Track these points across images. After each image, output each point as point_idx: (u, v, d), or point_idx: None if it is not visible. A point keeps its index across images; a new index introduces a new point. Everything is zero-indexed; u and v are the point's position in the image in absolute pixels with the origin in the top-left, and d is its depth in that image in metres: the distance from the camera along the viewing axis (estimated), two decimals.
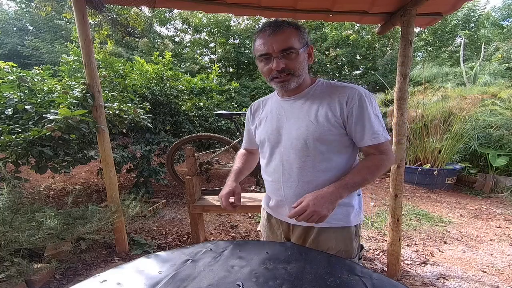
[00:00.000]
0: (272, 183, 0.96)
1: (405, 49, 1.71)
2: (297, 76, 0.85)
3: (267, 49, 0.82)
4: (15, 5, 11.72)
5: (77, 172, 4.80)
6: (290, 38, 0.81)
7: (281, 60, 0.81)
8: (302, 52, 0.83)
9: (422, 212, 3.23)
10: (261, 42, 0.83)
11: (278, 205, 0.97)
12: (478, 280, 1.92)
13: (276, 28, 0.81)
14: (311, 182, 0.87)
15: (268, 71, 0.85)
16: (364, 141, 0.85)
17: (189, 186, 2.16)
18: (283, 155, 0.91)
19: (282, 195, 0.93)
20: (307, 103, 0.89)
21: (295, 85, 0.86)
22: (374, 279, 0.61)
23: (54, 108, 2.19)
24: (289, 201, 0.90)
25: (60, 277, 1.84)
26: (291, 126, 0.89)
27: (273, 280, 0.61)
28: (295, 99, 0.92)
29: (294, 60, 0.82)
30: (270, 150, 0.96)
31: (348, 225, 0.90)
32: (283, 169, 0.91)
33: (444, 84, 5.60)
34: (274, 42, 0.80)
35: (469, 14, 9.10)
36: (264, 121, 0.99)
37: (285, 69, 0.82)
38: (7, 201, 1.54)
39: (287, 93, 0.93)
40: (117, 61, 3.76)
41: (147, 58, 7.23)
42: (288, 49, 0.81)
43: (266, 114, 0.99)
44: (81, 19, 1.79)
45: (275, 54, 0.81)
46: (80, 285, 0.59)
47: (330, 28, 9.34)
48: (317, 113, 0.85)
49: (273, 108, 0.97)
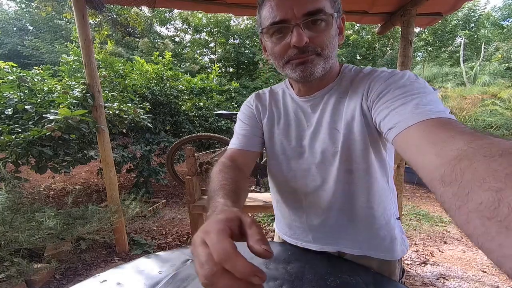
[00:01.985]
0: (290, 208, 0.73)
1: (405, 49, 1.71)
2: (326, 57, 0.55)
3: (284, 14, 0.51)
4: (15, 5, 11.73)
5: (77, 172, 4.80)
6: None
7: (304, 30, 0.51)
8: (335, 20, 0.54)
9: (422, 212, 3.23)
10: (272, 5, 0.53)
11: (298, 235, 0.74)
12: (478, 280, 1.92)
13: None
14: (346, 210, 0.66)
15: (284, 49, 0.55)
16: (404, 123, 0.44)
17: (189, 186, 2.16)
18: (306, 174, 0.67)
19: (305, 223, 0.71)
20: (330, 105, 0.62)
21: (321, 71, 0.55)
22: (374, 279, 0.61)
23: (54, 108, 2.19)
24: (315, 232, 0.70)
25: (60, 277, 1.84)
26: (314, 140, 0.65)
27: (273, 280, 0.61)
28: (315, 99, 0.64)
29: (324, 31, 0.53)
30: (287, 166, 0.70)
31: (392, 260, 0.68)
32: (307, 192, 0.68)
33: (444, 84, 5.60)
34: (296, 2, 0.51)
35: (469, 14, 9.11)
36: (276, 125, 0.71)
37: (309, 46, 0.52)
38: (7, 201, 1.54)
39: (304, 89, 0.65)
40: (117, 61, 3.77)
41: (147, 58, 7.23)
42: (317, 12, 0.51)
43: (278, 115, 0.71)
44: (81, 19, 1.79)
45: (296, 20, 0.51)
46: (80, 285, 0.59)
47: None
48: (347, 119, 0.59)
49: (287, 107, 0.69)
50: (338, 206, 0.66)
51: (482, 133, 0.32)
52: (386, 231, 0.66)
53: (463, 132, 0.34)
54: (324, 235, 0.70)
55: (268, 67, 8.26)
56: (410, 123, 0.42)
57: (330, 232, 0.69)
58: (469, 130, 0.34)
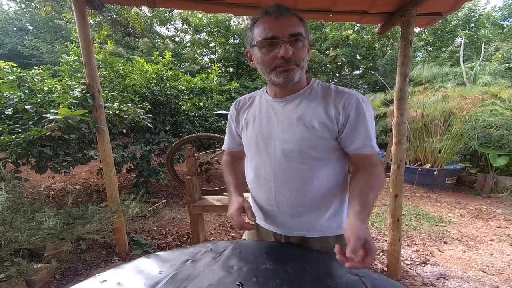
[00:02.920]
0: (262, 191, 0.88)
1: (405, 49, 1.71)
2: (302, 68, 0.76)
3: (275, 32, 0.71)
4: (15, 5, 11.72)
5: (77, 172, 4.80)
6: (298, 24, 0.73)
7: (289, 46, 0.71)
8: (307, 42, 0.76)
9: (422, 212, 3.23)
10: (265, 26, 0.73)
11: (268, 215, 0.89)
12: (478, 280, 1.92)
13: (285, 10, 0.73)
14: (307, 192, 0.81)
15: (272, 59, 0.73)
16: (356, 147, 0.78)
17: (189, 186, 2.16)
18: (275, 163, 0.82)
19: (273, 205, 0.85)
20: (301, 106, 0.79)
21: (298, 78, 0.76)
22: (374, 279, 0.61)
23: (54, 108, 2.19)
24: (282, 212, 0.85)
25: (60, 277, 1.84)
26: (283, 131, 0.80)
27: (273, 280, 0.61)
28: (288, 100, 0.82)
29: (301, 49, 0.74)
30: (259, 156, 0.86)
31: (340, 234, 0.85)
32: (275, 178, 0.82)
33: (444, 84, 5.60)
34: (283, 25, 0.71)
35: (469, 14, 9.10)
36: (251, 123, 0.88)
37: (292, 58, 0.72)
38: (7, 201, 1.54)
39: (280, 92, 0.83)
40: (117, 61, 3.76)
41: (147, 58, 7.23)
42: (298, 34, 0.72)
43: (253, 115, 0.88)
44: (81, 19, 1.79)
45: (283, 38, 0.71)
46: (80, 285, 0.59)
47: (330, 28, 9.34)
48: (313, 118, 0.77)
49: (262, 108, 0.87)
50: (300, 188, 0.81)
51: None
52: (337, 208, 0.86)
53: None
54: (291, 216, 0.85)
55: None
56: (358, 151, 0.79)
57: (296, 213, 0.84)
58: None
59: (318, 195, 0.82)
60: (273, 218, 0.88)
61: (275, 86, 0.81)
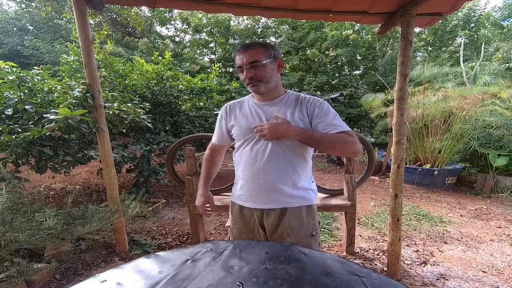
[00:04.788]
0: (252, 172, 1.09)
1: (405, 49, 1.71)
2: (265, 82, 1.07)
3: (240, 62, 1.07)
4: (15, 5, 11.71)
5: (77, 172, 4.80)
6: (257, 54, 1.04)
7: (250, 70, 1.04)
8: (267, 63, 1.05)
9: (422, 212, 3.23)
10: (236, 58, 1.09)
11: (254, 193, 1.11)
12: (478, 280, 1.92)
13: (247, 47, 1.07)
14: (286, 169, 1.08)
15: (244, 79, 1.08)
16: (327, 129, 1.06)
17: (189, 186, 2.16)
18: (264, 148, 1.08)
19: (262, 183, 1.08)
20: (283, 108, 1.11)
21: (264, 89, 1.08)
22: (374, 279, 0.61)
23: (54, 108, 2.19)
24: (269, 187, 1.08)
25: (60, 277, 1.84)
26: None
27: (273, 280, 0.61)
28: (271, 104, 1.13)
29: (261, 70, 1.05)
30: (251, 143, 1.11)
31: (312, 204, 1.14)
32: (265, 160, 1.07)
33: (444, 84, 5.59)
34: (244, 57, 1.05)
35: (469, 14, 9.09)
36: (244, 118, 1.14)
37: (254, 77, 1.05)
38: (7, 201, 1.54)
39: (263, 98, 1.14)
40: (117, 61, 3.77)
41: (147, 58, 7.23)
42: (254, 61, 1.04)
43: (245, 113, 1.16)
44: (81, 19, 1.79)
45: (244, 66, 1.05)
46: (80, 285, 0.59)
47: (330, 28, 9.32)
48: (292, 116, 1.08)
49: (251, 109, 1.16)
50: (280, 169, 1.08)
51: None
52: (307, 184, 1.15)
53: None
54: (274, 192, 1.09)
55: None
56: (331, 132, 1.06)
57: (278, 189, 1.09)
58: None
59: (296, 171, 1.09)
60: (260, 194, 1.10)
61: (259, 96, 1.15)
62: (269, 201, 1.09)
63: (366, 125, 8.42)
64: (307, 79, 8.44)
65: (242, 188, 1.14)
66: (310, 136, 1.03)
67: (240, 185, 1.15)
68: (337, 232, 2.69)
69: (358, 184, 2.35)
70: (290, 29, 9.84)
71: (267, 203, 1.10)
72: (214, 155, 1.31)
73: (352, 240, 2.22)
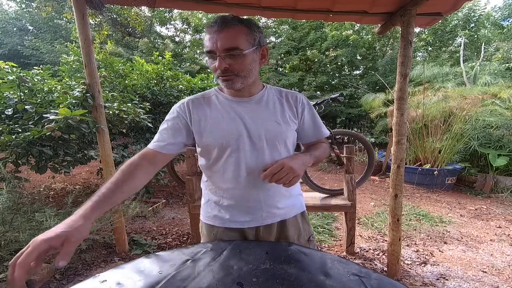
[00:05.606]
0: (245, 190, 0.87)
1: (405, 49, 1.71)
2: (243, 77, 0.80)
3: (211, 46, 0.76)
4: (15, 5, 11.71)
5: (77, 172, 4.80)
6: (237, 37, 0.76)
7: (225, 60, 0.76)
8: (249, 53, 0.78)
9: (422, 212, 3.23)
10: (207, 38, 0.77)
11: (249, 212, 0.89)
12: (478, 280, 1.92)
13: (223, 25, 0.75)
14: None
15: (214, 69, 0.80)
16: (317, 136, 0.98)
17: (189, 186, 2.16)
18: (255, 159, 0.85)
19: (260, 200, 0.88)
20: (269, 105, 0.89)
21: (240, 85, 0.82)
22: (374, 279, 0.61)
23: (54, 108, 2.19)
24: (269, 203, 0.89)
25: (60, 277, 1.84)
26: (258, 128, 0.85)
27: (273, 280, 0.61)
28: (251, 101, 0.88)
29: (239, 61, 0.77)
30: (234, 154, 0.85)
31: (304, 209, 1.01)
32: (250, 171, 0.85)
33: (444, 84, 5.59)
34: (219, 40, 0.75)
35: (469, 14, 9.09)
36: (222, 121, 0.85)
37: (229, 69, 0.77)
38: (7, 201, 1.54)
39: (239, 93, 0.88)
40: (117, 61, 3.77)
41: (147, 58, 7.23)
42: (232, 49, 0.75)
43: (217, 114, 0.86)
44: (81, 19, 1.79)
45: (218, 53, 0.76)
46: (80, 285, 0.59)
47: (330, 28, 9.33)
48: (281, 115, 0.89)
49: (224, 107, 0.87)
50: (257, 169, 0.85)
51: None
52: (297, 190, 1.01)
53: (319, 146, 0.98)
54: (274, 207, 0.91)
55: (268, 67, 8.25)
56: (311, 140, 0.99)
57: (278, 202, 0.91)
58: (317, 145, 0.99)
59: None
60: (257, 211, 0.89)
61: (234, 91, 0.87)
62: (268, 217, 0.90)
63: (366, 125, 8.43)
64: (307, 79, 8.44)
65: (228, 209, 0.90)
66: (316, 157, 0.91)
67: (227, 205, 0.90)
68: (337, 232, 2.69)
69: (358, 184, 2.35)
70: (290, 29, 9.84)
71: (266, 219, 0.90)
72: (144, 166, 0.81)
73: (352, 240, 2.22)
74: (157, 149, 0.85)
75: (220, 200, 0.91)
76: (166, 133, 0.86)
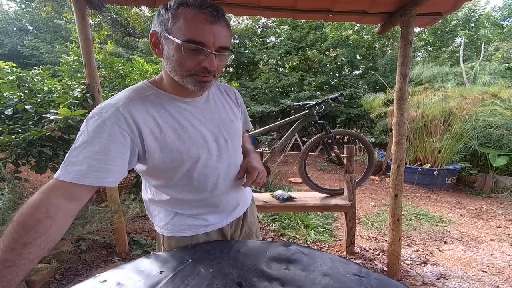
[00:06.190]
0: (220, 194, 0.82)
1: (405, 49, 1.71)
2: (216, 79, 0.72)
3: (206, 40, 0.61)
4: (15, 5, 11.72)
5: None
6: (228, 35, 0.66)
7: (215, 59, 0.64)
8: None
9: (422, 212, 3.23)
10: (197, 26, 0.60)
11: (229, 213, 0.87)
12: (478, 280, 1.92)
13: (218, 15, 0.62)
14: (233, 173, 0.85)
15: (193, 65, 0.64)
16: (246, 127, 1.01)
17: None
18: (223, 162, 0.80)
19: (236, 197, 0.88)
20: (217, 103, 0.82)
21: (211, 87, 0.74)
22: (374, 279, 0.61)
23: (54, 108, 2.19)
24: (243, 200, 0.93)
25: (60, 277, 1.84)
26: (220, 129, 0.79)
27: (273, 280, 0.61)
28: (200, 99, 0.78)
29: (223, 62, 0.69)
30: (208, 161, 0.76)
31: (251, 195, 1.04)
32: (233, 175, 0.83)
33: (444, 84, 5.60)
34: (216, 34, 0.62)
35: (469, 14, 9.10)
36: (177, 130, 0.71)
37: (213, 70, 0.67)
38: (7, 201, 1.54)
39: (184, 93, 0.74)
40: (117, 61, 3.76)
41: (147, 58, 7.22)
42: (226, 48, 0.66)
43: (171, 120, 0.71)
44: (81, 19, 1.79)
45: (212, 50, 0.63)
46: (80, 285, 0.59)
47: (330, 28, 9.34)
48: (233, 111, 0.87)
49: (177, 110, 0.73)
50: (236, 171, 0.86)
51: None
52: None
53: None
54: (233, 199, 0.88)
55: (268, 67, 8.25)
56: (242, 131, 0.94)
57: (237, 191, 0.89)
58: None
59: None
60: (235, 210, 0.89)
61: (183, 89, 0.71)
62: (241, 210, 0.93)
63: (366, 125, 8.44)
64: (307, 79, 8.45)
65: (208, 214, 0.83)
66: (253, 150, 0.99)
67: (206, 211, 0.82)
68: (337, 232, 2.70)
69: (358, 184, 2.35)
70: (290, 29, 9.84)
71: (239, 212, 0.92)
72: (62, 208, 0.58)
73: (352, 240, 2.22)
74: (85, 182, 0.59)
75: (194, 210, 0.81)
76: (100, 157, 0.60)
